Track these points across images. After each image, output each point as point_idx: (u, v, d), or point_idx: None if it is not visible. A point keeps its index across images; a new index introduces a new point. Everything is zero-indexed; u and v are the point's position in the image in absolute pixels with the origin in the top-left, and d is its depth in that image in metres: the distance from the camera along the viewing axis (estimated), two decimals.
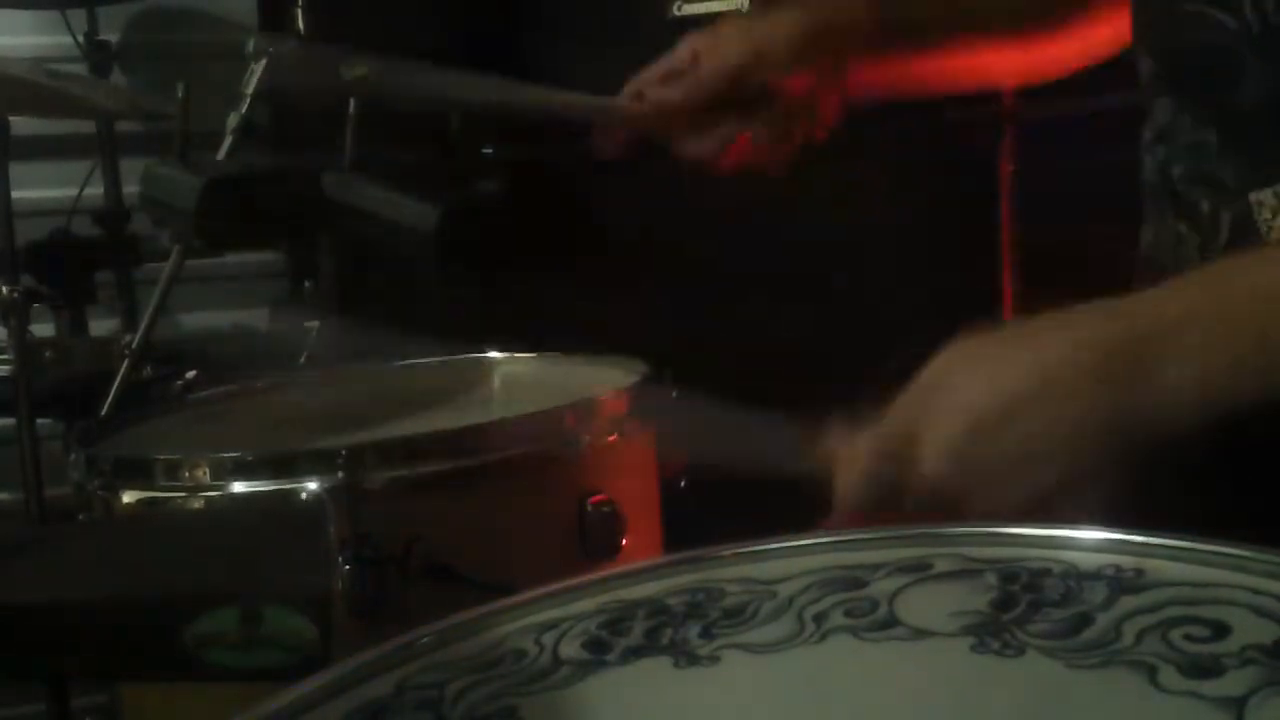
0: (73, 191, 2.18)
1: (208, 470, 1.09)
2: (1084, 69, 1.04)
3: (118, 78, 2.27)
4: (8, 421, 1.68)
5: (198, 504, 1.10)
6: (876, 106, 1.79)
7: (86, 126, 2.26)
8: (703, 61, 0.97)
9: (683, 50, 0.99)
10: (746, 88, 0.96)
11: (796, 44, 0.96)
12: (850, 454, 0.70)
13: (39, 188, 2.13)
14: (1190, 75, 0.80)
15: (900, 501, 0.66)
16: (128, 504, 1.13)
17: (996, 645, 0.49)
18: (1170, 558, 0.52)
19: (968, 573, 0.54)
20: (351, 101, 1.44)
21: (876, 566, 0.56)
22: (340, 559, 1.00)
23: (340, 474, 1.04)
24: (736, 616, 0.54)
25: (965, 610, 0.51)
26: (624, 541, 1.14)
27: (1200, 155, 0.80)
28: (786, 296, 1.73)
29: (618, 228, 1.85)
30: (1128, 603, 0.49)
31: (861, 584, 0.55)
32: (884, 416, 0.69)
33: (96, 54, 2.24)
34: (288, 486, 1.07)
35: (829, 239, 1.76)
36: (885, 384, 0.89)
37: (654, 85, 0.99)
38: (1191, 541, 0.52)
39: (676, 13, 1.84)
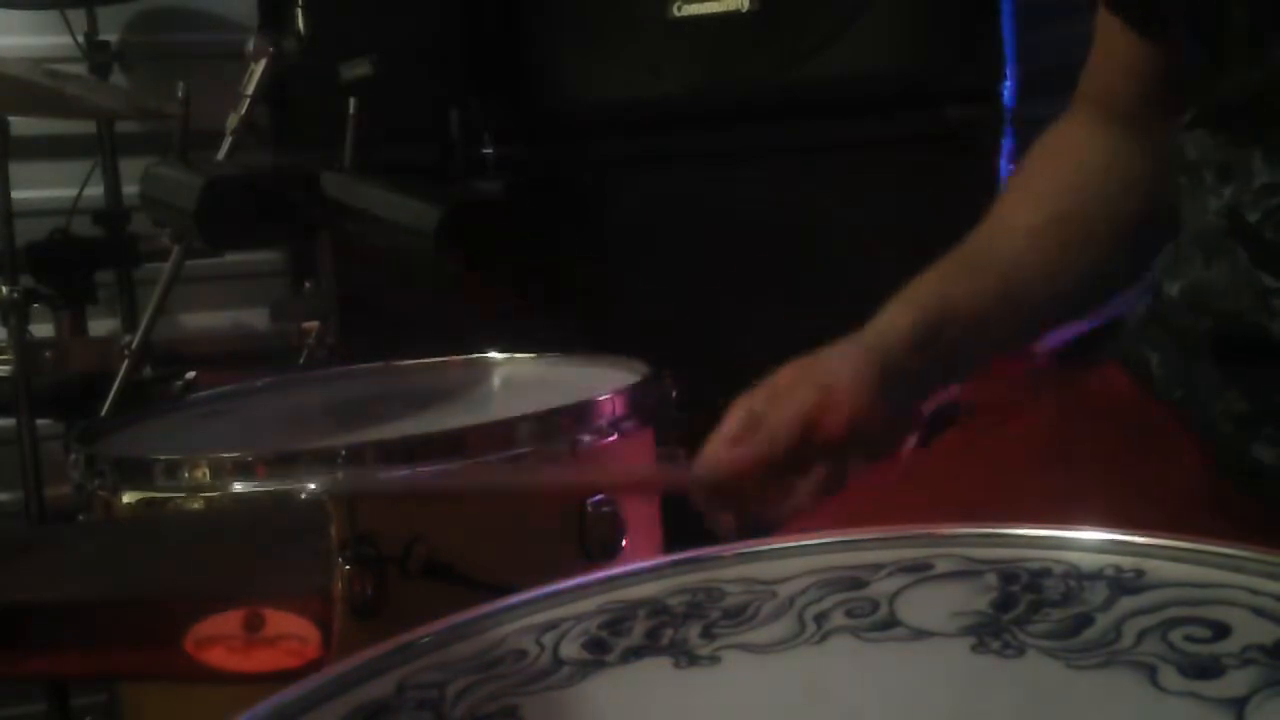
0: (73, 191, 2.18)
1: (208, 470, 1.09)
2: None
3: (118, 78, 2.27)
4: (8, 421, 1.68)
5: (198, 504, 1.10)
6: (876, 106, 1.80)
7: (86, 126, 2.26)
8: (769, 414, 0.89)
9: (741, 411, 0.90)
10: (819, 434, 0.88)
11: (860, 376, 0.90)
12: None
13: (39, 188, 2.13)
14: None
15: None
16: (128, 504, 1.13)
17: (997, 646, 0.49)
18: (1170, 558, 0.52)
19: (968, 573, 0.54)
20: (351, 101, 1.44)
21: (877, 567, 0.56)
22: (340, 559, 1.00)
23: (340, 474, 1.04)
24: (737, 617, 0.54)
25: (966, 610, 0.51)
26: (624, 541, 1.14)
27: None
28: (787, 297, 1.73)
29: (618, 228, 1.85)
30: (1128, 603, 0.49)
31: (862, 584, 0.55)
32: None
33: (96, 54, 2.24)
34: (288, 486, 1.07)
35: (829, 239, 1.76)
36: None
37: (723, 451, 0.89)
38: (1191, 541, 0.52)
39: (676, 13, 1.84)
